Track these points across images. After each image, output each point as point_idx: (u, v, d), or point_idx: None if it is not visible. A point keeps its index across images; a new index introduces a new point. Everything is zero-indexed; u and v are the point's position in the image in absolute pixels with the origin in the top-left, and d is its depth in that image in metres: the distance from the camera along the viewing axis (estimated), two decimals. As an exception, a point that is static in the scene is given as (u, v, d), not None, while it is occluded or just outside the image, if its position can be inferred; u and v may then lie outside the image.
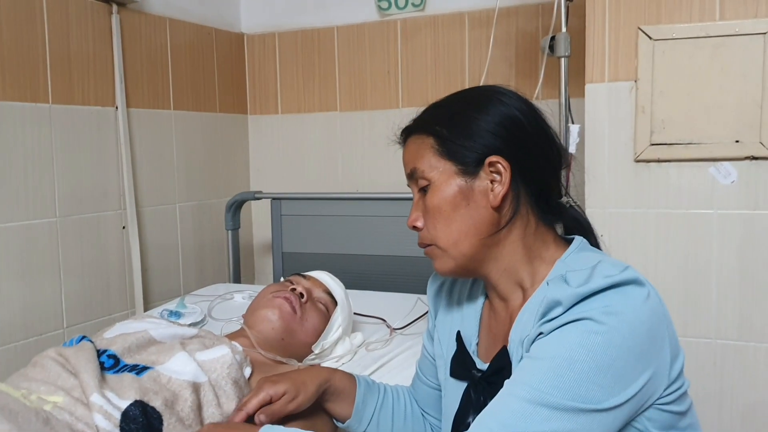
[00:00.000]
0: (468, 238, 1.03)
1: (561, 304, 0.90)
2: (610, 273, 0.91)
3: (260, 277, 3.01)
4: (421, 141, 1.06)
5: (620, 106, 1.74)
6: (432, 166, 1.04)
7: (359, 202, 2.42)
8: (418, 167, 1.06)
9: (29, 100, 1.94)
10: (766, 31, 1.60)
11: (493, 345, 1.09)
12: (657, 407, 0.94)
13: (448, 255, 1.05)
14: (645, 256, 1.76)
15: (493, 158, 1.01)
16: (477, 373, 1.08)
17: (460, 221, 1.02)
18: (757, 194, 1.66)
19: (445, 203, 1.03)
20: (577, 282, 0.91)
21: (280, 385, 1.18)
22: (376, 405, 1.28)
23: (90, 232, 2.15)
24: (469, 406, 1.08)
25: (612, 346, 0.86)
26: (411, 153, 1.08)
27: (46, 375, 1.16)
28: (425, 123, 1.08)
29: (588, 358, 0.86)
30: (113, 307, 2.24)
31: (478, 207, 1.02)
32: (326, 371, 1.26)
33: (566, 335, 0.89)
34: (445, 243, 1.04)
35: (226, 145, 2.81)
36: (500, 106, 1.04)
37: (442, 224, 1.04)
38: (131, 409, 1.07)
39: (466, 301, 1.18)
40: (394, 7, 2.60)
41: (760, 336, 1.70)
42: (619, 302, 0.89)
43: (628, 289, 0.90)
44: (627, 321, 0.88)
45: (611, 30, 1.73)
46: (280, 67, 2.86)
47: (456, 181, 1.03)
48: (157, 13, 2.41)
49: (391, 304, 2.02)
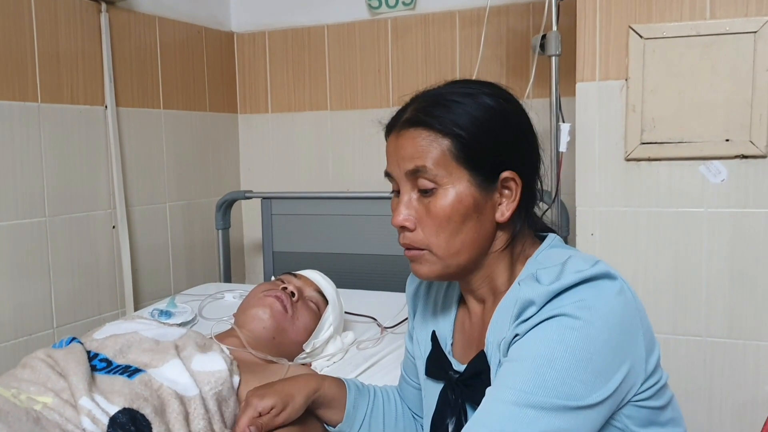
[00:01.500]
0: (468, 251, 1.00)
1: (534, 303, 0.90)
2: (581, 268, 0.90)
3: (251, 276, 3.01)
4: (433, 139, 0.97)
5: (611, 105, 1.74)
6: (447, 171, 0.97)
7: (350, 201, 2.42)
8: (428, 167, 0.97)
9: (18, 99, 1.93)
10: (756, 30, 1.61)
11: (468, 345, 1.09)
12: (635, 404, 0.93)
13: (441, 263, 1.01)
14: (635, 255, 1.76)
15: (508, 174, 0.99)
16: (454, 374, 1.07)
17: (466, 233, 0.99)
18: (746, 193, 1.67)
19: (456, 213, 0.97)
20: (549, 279, 0.90)
21: (267, 399, 1.17)
22: (367, 409, 1.27)
23: (79, 231, 2.14)
24: (446, 407, 1.07)
25: (589, 339, 0.86)
26: (418, 149, 0.98)
27: (35, 376, 1.15)
28: (441, 121, 0.98)
29: (567, 354, 0.86)
30: (103, 307, 2.23)
31: (485, 221, 0.99)
32: (315, 381, 1.24)
33: (543, 333, 0.88)
34: (444, 252, 0.99)
35: (217, 144, 2.80)
36: (519, 118, 1.02)
37: (447, 233, 0.98)
38: (119, 416, 1.07)
39: (441, 301, 1.18)
40: (384, 6, 2.60)
41: (750, 333, 1.71)
42: (592, 296, 0.88)
43: (601, 283, 0.90)
44: (601, 315, 0.87)
45: (602, 29, 1.73)
46: (271, 65, 2.85)
47: (471, 192, 0.98)
48: (146, 11, 2.40)
49: (382, 303, 2.02)
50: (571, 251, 1.02)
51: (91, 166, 2.18)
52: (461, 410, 1.04)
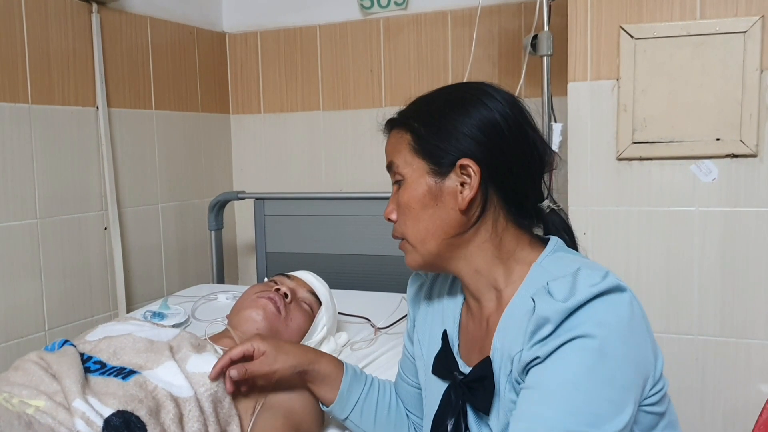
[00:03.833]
0: (434, 238, 1.05)
1: (550, 321, 0.90)
2: (593, 281, 0.91)
3: (244, 277, 3.00)
4: (400, 136, 1.07)
5: (602, 105, 1.75)
6: (406, 162, 1.06)
7: (343, 201, 2.42)
8: (394, 161, 1.07)
9: (8, 101, 1.92)
10: (746, 29, 1.62)
11: (471, 346, 1.09)
12: (642, 409, 0.95)
13: (416, 251, 1.07)
14: (627, 254, 1.77)
15: (464, 161, 1.01)
16: (459, 375, 1.07)
17: (427, 220, 1.04)
18: (737, 192, 1.68)
19: (415, 201, 1.04)
20: (562, 294, 0.90)
21: (264, 344, 1.25)
22: (361, 394, 1.28)
23: (71, 233, 2.13)
24: (448, 408, 1.08)
25: (609, 357, 0.87)
26: (391, 146, 1.10)
27: (28, 379, 1.14)
28: (406, 118, 1.09)
29: (590, 375, 0.87)
30: (95, 308, 2.22)
31: (445, 208, 1.03)
32: (313, 353, 1.29)
33: (565, 358, 0.88)
34: (413, 239, 1.06)
35: (209, 145, 2.79)
36: (482, 110, 1.03)
37: (411, 221, 1.06)
38: (113, 418, 1.06)
39: (446, 300, 1.18)
40: (376, 6, 2.60)
41: (741, 332, 1.71)
42: (606, 311, 0.89)
43: (613, 297, 0.90)
44: (617, 329, 0.89)
45: (593, 29, 1.74)
46: (263, 66, 2.85)
47: (426, 181, 1.04)
48: (137, 12, 2.39)
49: (376, 304, 2.02)
50: (578, 258, 1.03)
51: (83, 167, 2.17)
52: (461, 411, 1.04)
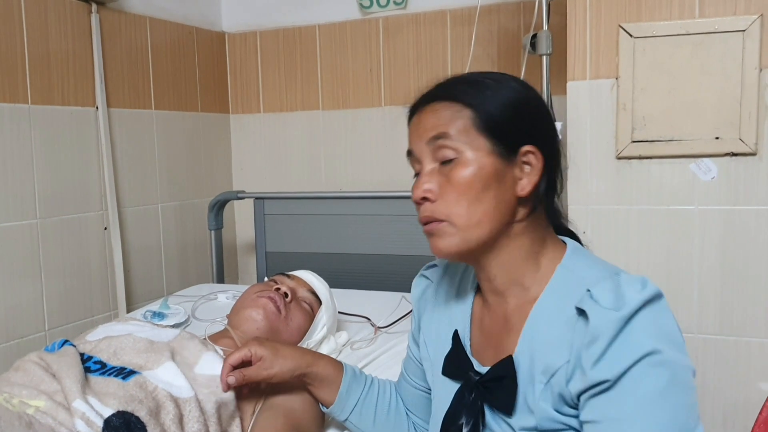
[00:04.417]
0: (490, 222, 0.98)
1: (604, 334, 0.87)
2: (637, 287, 0.90)
3: (244, 277, 3.00)
4: (456, 110, 0.99)
5: (602, 104, 1.75)
6: (468, 139, 0.98)
7: (342, 200, 2.42)
8: (450, 133, 0.98)
9: (8, 101, 1.92)
10: (744, 28, 1.62)
11: (488, 344, 1.07)
12: None
13: (460, 235, 0.99)
14: (627, 253, 1.77)
15: (529, 147, 0.99)
16: (474, 375, 1.05)
17: (487, 203, 0.97)
18: (737, 190, 1.68)
19: (478, 181, 0.97)
20: (609, 301, 0.89)
21: (261, 349, 1.25)
22: (360, 395, 1.28)
23: (71, 233, 2.13)
24: (461, 407, 1.05)
25: (675, 366, 0.87)
26: (440, 118, 1.00)
27: (28, 379, 1.15)
28: (463, 94, 1.00)
29: (668, 391, 0.86)
30: (95, 308, 2.22)
31: (506, 192, 0.99)
32: (311, 356, 1.29)
33: (637, 380, 0.87)
34: (464, 222, 0.98)
35: (208, 144, 2.79)
36: (540, 101, 1.05)
37: (467, 201, 0.97)
38: (113, 419, 1.06)
39: (454, 300, 1.16)
40: (375, 6, 2.60)
41: (741, 330, 1.72)
42: (658, 322, 0.89)
43: (660, 304, 0.90)
44: (672, 338, 0.89)
45: (592, 28, 1.74)
46: (262, 65, 2.85)
47: (491, 161, 0.97)
48: (137, 12, 2.39)
49: (376, 303, 2.02)
50: (599, 260, 1.03)
51: (83, 167, 2.17)
52: (480, 412, 1.02)
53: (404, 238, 2.28)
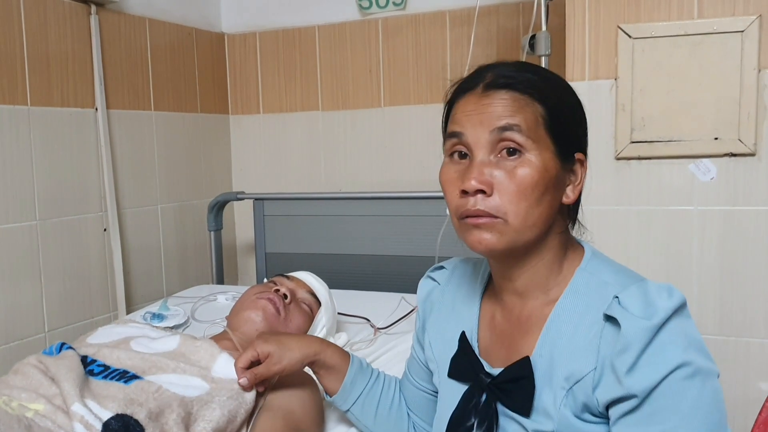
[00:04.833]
0: (541, 226, 0.95)
1: (634, 344, 0.87)
2: (664, 296, 0.89)
3: (243, 278, 3.00)
4: (527, 103, 0.94)
5: (601, 104, 1.75)
6: (536, 136, 0.93)
7: (342, 201, 2.42)
8: (521, 127, 0.92)
9: (7, 102, 1.92)
10: (743, 29, 1.62)
11: (499, 344, 1.05)
12: None
13: (512, 235, 0.94)
14: (626, 253, 1.77)
15: (581, 155, 1.00)
16: (485, 377, 1.02)
17: (543, 206, 0.94)
18: (736, 190, 1.68)
19: (542, 182, 0.93)
20: (638, 309, 0.88)
21: (267, 345, 1.23)
22: (365, 388, 1.28)
23: (71, 234, 2.13)
24: (471, 408, 1.03)
25: (705, 374, 0.88)
26: (511, 109, 0.94)
27: (27, 382, 1.14)
28: (538, 89, 0.95)
29: (699, 401, 0.87)
30: (95, 310, 2.22)
31: (557, 198, 0.97)
32: (318, 344, 1.27)
33: (678, 397, 0.87)
34: (520, 223, 0.93)
35: (208, 145, 2.80)
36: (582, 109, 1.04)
37: (528, 203, 0.92)
38: (112, 422, 1.06)
39: (461, 301, 1.15)
40: (375, 6, 2.60)
41: (740, 330, 1.72)
42: (686, 331, 0.89)
43: (685, 312, 0.90)
44: (699, 344, 0.90)
45: (591, 28, 1.74)
46: (262, 66, 2.85)
47: (555, 164, 0.95)
48: (136, 13, 2.39)
49: (375, 304, 2.02)
50: (617, 264, 1.04)
51: (82, 168, 2.17)
52: (494, 414, 1.00)
53: (404, 238, 2.28)
